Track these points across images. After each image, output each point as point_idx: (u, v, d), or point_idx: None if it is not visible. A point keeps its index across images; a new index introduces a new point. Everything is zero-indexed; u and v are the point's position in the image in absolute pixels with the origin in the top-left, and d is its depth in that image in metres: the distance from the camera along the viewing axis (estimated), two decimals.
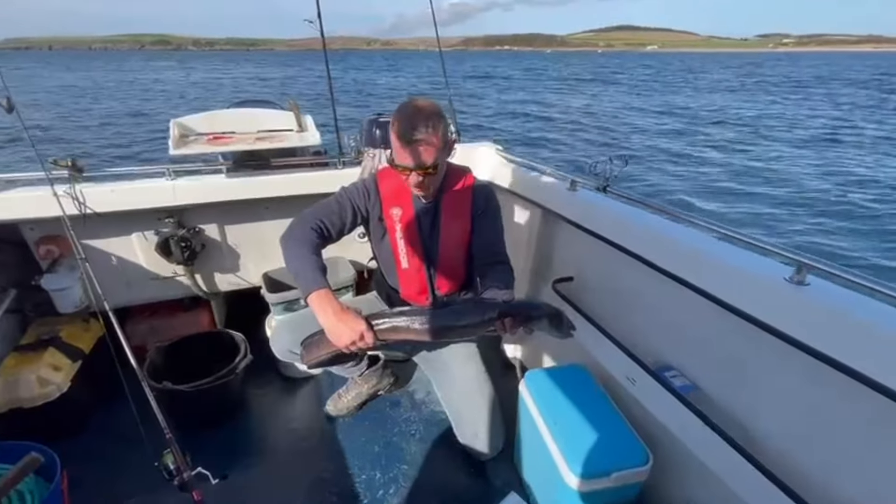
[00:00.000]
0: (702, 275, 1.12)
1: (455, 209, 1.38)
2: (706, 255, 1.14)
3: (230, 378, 1.69)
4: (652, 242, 1.28)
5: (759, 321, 0.97)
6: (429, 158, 1.20)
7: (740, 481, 1.03)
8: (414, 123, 1.16)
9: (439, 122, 1.19)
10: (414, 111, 1.17)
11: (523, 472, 1.54)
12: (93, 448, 1.62)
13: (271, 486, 1.52)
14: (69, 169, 1.54)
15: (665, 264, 1.21)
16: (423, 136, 1.16)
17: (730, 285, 1.05)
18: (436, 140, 1.18)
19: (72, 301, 1.76)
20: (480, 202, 1.39)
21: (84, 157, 1.63)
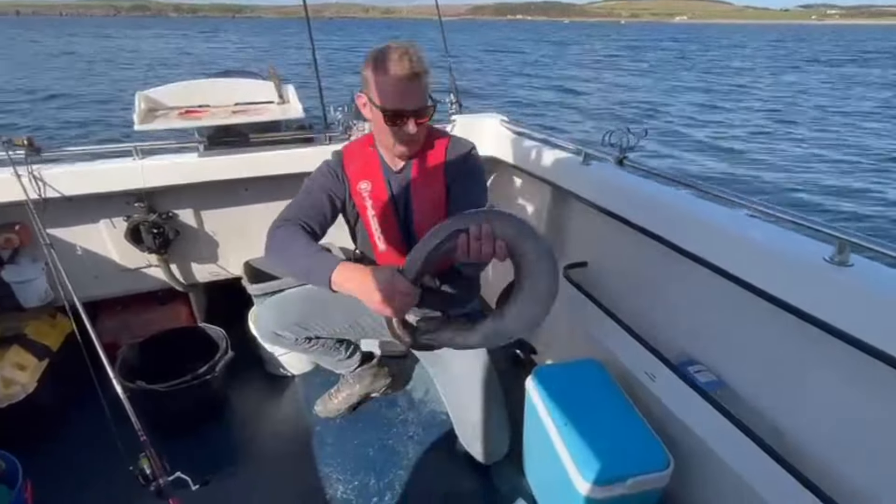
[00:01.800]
0: (730, 257, 1.08)
1: (426, 175, 1.30)
2: (735, 234, 1.09)
3: (210, 376, 1.68)
4: (674, 221, 1.24)
5: (795, 308, 0.93)
6: (426, 98, 1.17)
7: (773, 489, 1.00)
8: (409, 54, 1.11)
9: (426, 62, 1.16)
10: (399, 46, 1.13)
11: (531, 477, 1.53)
12: (61, 453, 1.63)
13: (256, 493, 1.52)
14: (25, 148, 1.52)
15: (689, 246, 1.17)
16: (421, 68, 1.12)
17: (762, 268, 1.01)
18: (428, 77, 1.16)
19: (36, 294, 1.76)
20: (456, 163, 1.30)
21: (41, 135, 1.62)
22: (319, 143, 1.93)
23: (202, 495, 1.43)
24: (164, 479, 1.32)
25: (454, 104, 2.31)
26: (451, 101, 2.32)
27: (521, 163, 1.90)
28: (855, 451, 0.94)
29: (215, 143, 1.79)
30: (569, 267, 1.68)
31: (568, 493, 1.18)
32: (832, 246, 0.93)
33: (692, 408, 1.17)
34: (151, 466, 1.37)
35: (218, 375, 1.72)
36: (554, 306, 1.90)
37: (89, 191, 1.66)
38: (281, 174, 1.86)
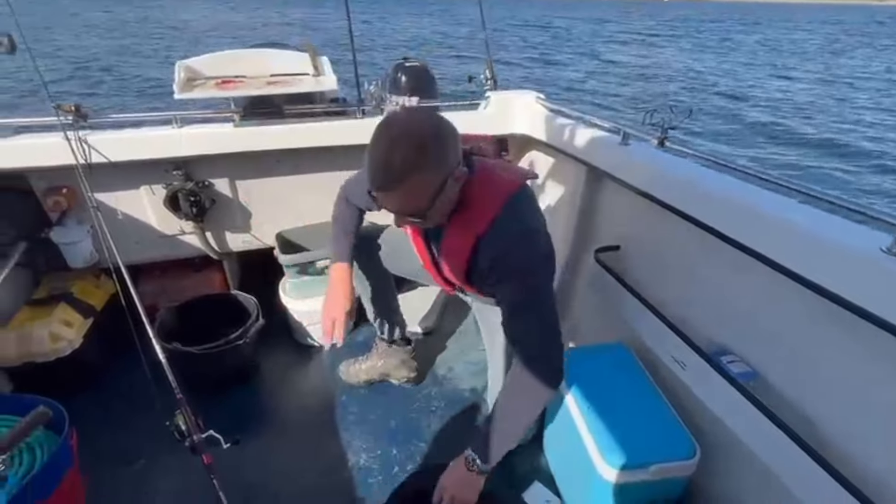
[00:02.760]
0: (776, 244, 1.03)
1: (457, 239, 1.14)
2: (783, 220, 1.04)
3: (241, 342, 1.75)
4: (717, 206, 1.19)
5: (846, 301, 0.88)
6: (410, 207, 0.99)
7: (805, 483, 0.97)
8: (379, 168, 0.93)
9: (424, 162, 0.92)
10: (388, 144, 0.92)
11: (551, 458, 1.53)
12: (103, 406, 1.73)
13: (283, 456, 1.58)
14: (73, 114, 1.58)
15: (731, 231, 1.13)
16: (394, 188, 0.94)
17: (810, 256, 0.96)
18: (418, 188, 0.95)
19: (82, 256, 1.85)
20: (484, 262, 1.10)
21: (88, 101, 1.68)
22: (352, 116, 1.93)
23: (232, 454, 1.49)
24: (197, 436, 1.39)
25: (489, 80, 2.27)
26: (486, 77, 2.27)
27: (556, 142, 1.86)
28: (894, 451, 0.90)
29: (250, 113, 1.82)
30: (600, 250, 1.64)
31: (589, 476, 1.18)
32: (891, 236, 0.88)
33: (723, 398, 1.15)
34: (186, 423, 1.43)
35: (249, 342, 1.78)
36: (583, 289, 1.88)
37: (131, 157, 1.71)
38: (313, 147, 1.87)
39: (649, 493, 1.16)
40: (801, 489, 0.98)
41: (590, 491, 1.20)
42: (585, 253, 1.80)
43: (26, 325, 1.65)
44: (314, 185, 2.03)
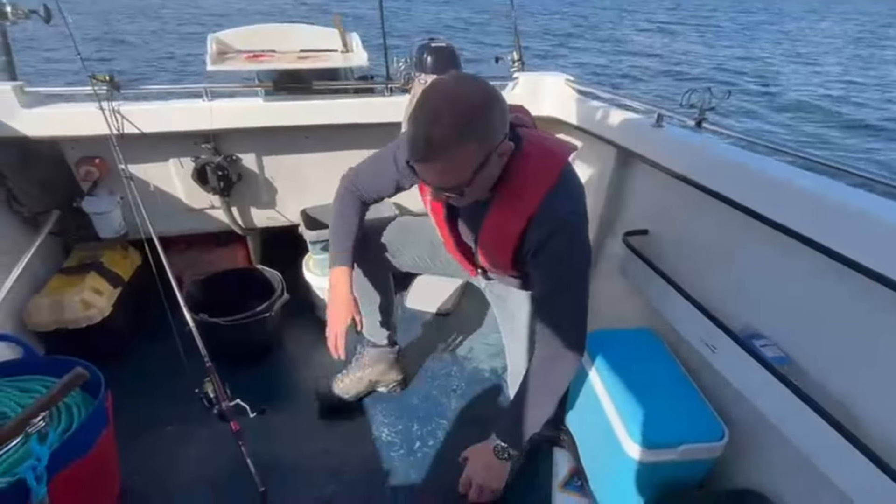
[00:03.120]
0: (823, 226, 1.01)
1: (496, 235, 1.11)
2: (831, 202, 1.02)
3: (267, 315, 1.77)
4: (756, 187, 1.18)
5: (891, 280, 0.87)
6: (451, 180, 0.95)
7: (842, 468, 0.96)
8: (426, 136, 0.89)
9: (469, 133, 0.89)
10: (432, 113, 0.89)
11: (577, 438, 1.54)
12: (132, 374, 1.77)
13: (307, 428, 1.61)
14: (107, 84, 1.60)
15: (771, 213, 1.11)
16: (437, 158, 0.91)
17: (854, 237, 0.95)
18: (461, 160, 0.92)
19: (111, 226, 1.88)
20: (535, 238, 1.06)
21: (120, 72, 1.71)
22: (380, 93, 1.93)
23: (257, 423, 1.53)
24: (226, 404, 1.42)
25: (517, 62, 2.24)
26: (514, 58, 2.25)
27: (586, 124, 1.84)
28: None
29: (280, 88, 1.82)
30: (628, 234, 1.63)
31: (615, 454, 1.19)
32: None
33: (754, 381, 1.14)
34: (215, 391, 1.47)
35: (274, 315, 1.81)
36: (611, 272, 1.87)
37: (162, 129, 1.73)
38: (341, 124, 1.87)
39: (675, 474, 1.17)
40: (836, 472, 0.97)
41: (616, 470, 1.21)
42: (613, 236, 1.79)
43: (59, 292, 1.69)
44: (340, 162, 2.02)
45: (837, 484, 0.98)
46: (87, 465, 1.18)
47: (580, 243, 1.08)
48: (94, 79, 1.57)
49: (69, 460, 1.12)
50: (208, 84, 1.74)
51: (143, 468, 1.43)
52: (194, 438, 1.53)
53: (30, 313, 1.63)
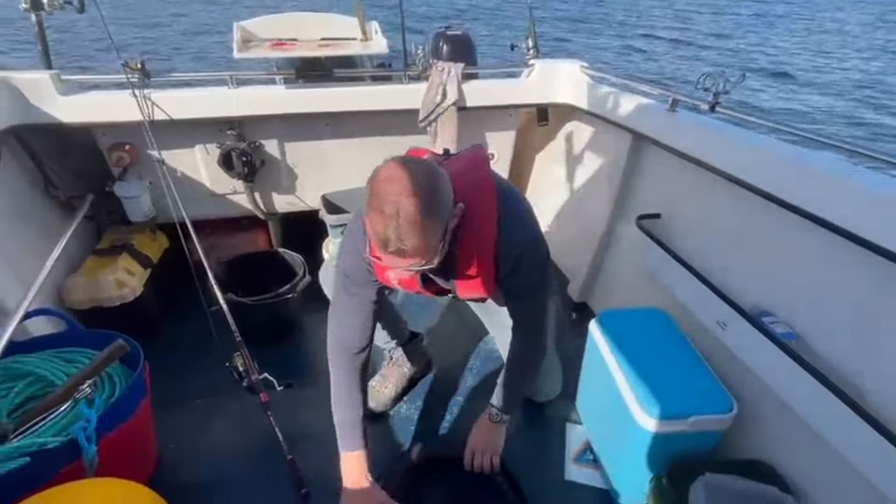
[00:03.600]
0: (829, 203, 1.05)
1: (472, 280, 1.17)
2: (843, 182, 1.05)
3: (290, 296, 1.84)
4: (769, 167, 1.21)
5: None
6: (424, 258, 0.96)
7: (848, 439, 1.01)
8: (396, 232, 0.90)
9: (432, 215, 0.92)
10: (393, 209, 0.89)
11: (585, 414, 1.60)
12: (163, 350, 1.84)
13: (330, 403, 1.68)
14: (139, 72, 1.66)
15: (781, 192, 1.15)
16: (411, 247, 0.92)
17: (864, 214, 0.98)
18: (430, 240, 0.94)
19: (141, 210, 1.96)
20: (506, 267, 1.14)
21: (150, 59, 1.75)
22: (399, 80, 1.97)
23: (284, 397, 1.61)
24: (255, 376, 1.50)
25: (532, 49, 2.27)
26: (529, 45, 2.28)
27: (600, 109, 1.87)
28: None
29: (302, 76, 1.88)
30: (641, 217, 1.67)
31: (627, 426, 1.24)
32: None
33: (763, 357, 1.18)
34: (245, 364, 1.55)
35: (297, 296, 1.89)
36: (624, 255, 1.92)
37: (189, 115, 1.80)
38: (360, 111, 1.93)
39: (685, 444, 1.21)
40: (842, 442, 1.02)
41: (628, 441, 1.26)
42: (626, 221, 1.83)
43: (94, 273, 1.78)
44: (359, 148, 2.09)
45: (843, 454, 1.02)
46: (130, 431, 1.26)
47: (542, 253, 1.22)
48: (126, 66, 1.64)
49: (114, 425, 1.20)
50: (233, 72, 1.80)
51: (177, 437, 1.52)
52: (224, 410, 1.61)
53: (67, 292, 1.73)
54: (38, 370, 1.30)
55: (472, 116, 2.03)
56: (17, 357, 1.32)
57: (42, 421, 1.16)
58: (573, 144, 2.21)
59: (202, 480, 1.40)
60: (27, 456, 1.04)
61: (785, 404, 1.15)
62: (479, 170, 1.15)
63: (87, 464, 1.11)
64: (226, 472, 1.43)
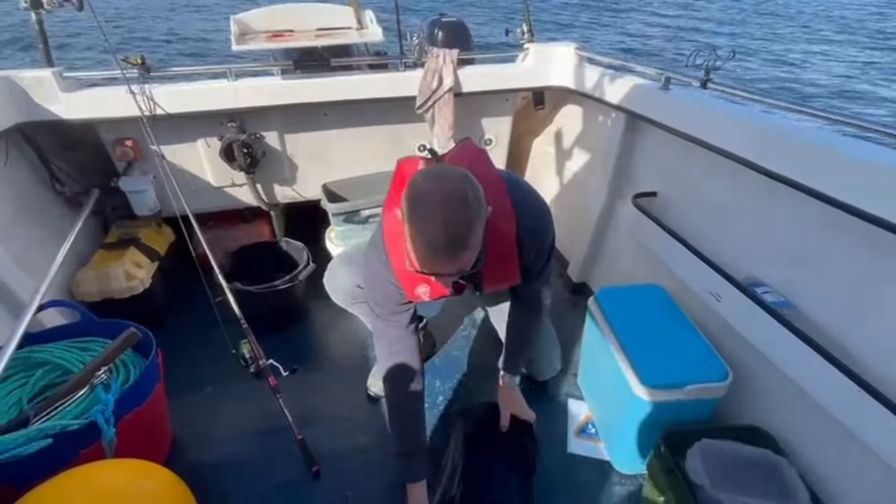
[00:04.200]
0: (820, 173, 1.07)
1: (499, 275, 1.20)
2: (825, 150, 1.08)
3: (294, 284, 1.88)
4: (758, 140, 1.24)
5: (884, 220, 0.94)
6: (470, 262, 0.97)
7: (839, 400, 1.04)
8: (448, 239, 0.91)
9: (476, 220, 0.93)
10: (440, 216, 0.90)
11: (585, 389, 1.64)
12: (171, 340, 1.89)
13: (335, 387, 1.73)
14: (139, 67, 1.69)
15: (772, 164, 1.17)
16: (466, 247, 0.93)
17: (853, 183, 1.01)
18: (476, 243, 0.95)
19: (146, 204, 2.00)
20: (528, 253, 1.19)
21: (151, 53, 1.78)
22: (395, 69, 2.00)
23: (290, 382, 1.66)
24: (262, 361, 1.55)
25: (527, 33, 2.28)
26: (524, 29, 2.29)
27: (596, 91, 1.89)
28: None
29: (300, 66, 1.90)
30: (637, 196, 1.70)
31: (626, 397, 1.28)
32: None
33: (757, 325, 1.22)
34: (252, 351, 1.60)
35: (300, 284, 1.93)
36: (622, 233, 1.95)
37: (190, 109, 1.83)
38: (359, 99, 1.95)
39: (682, 412, 1.25)
40: (833, 405, 1.05)
41: (628, 411, 1.30)
42: (623, 199, 1.86)
43: (103, 266, 1.82)
44: (358, 138, 2.12)
45: (834, 415, 1.06)
46: (146, 414, 1.31)
47: (552, 231, 1.25)
48: (125, 62, 1.67)
49: (130, 408, 1.25)
50: (231, 65, 1.83)
51: (189, 422, 1.57)
52: (233, 396, 1.66)
53: (78, 285, 1.77)
54: (54, 359, 1.34)
55: (468, 102, 2.05)
56: (33, 347, 1.37)
57: (61, 406, 1.20)
58: (569, 127, 2.23)
59: (216, 461, 1.45)
60: (49, 438, 1.09)
61: (778, 370, 1.19)
62: (482, 166, 1.17)
63: (107, 445, 1.16)
64: (238, 452, 1.48)
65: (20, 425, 1.15)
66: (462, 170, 1.00)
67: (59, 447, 1.10)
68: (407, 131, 2.17)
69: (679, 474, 1.12)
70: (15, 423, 1.16)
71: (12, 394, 1.28)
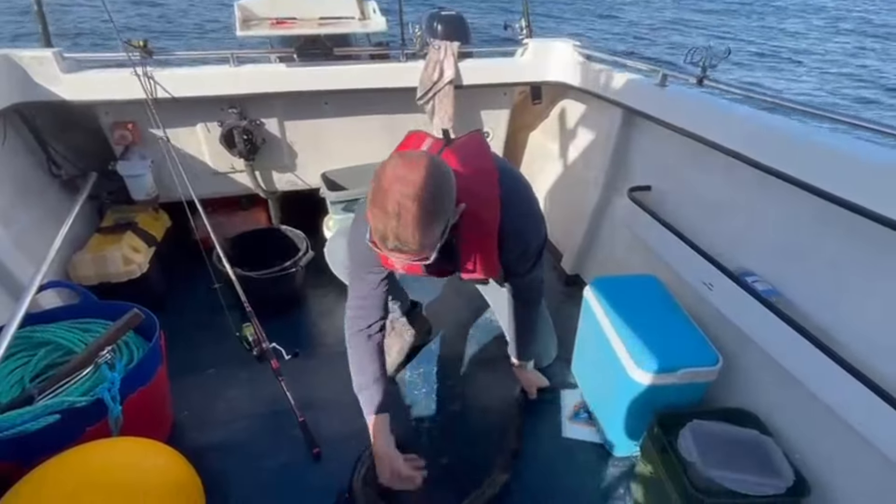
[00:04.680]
0: (806, 165, 1.12)
1: (477, 266, 1.22)
2: (815, 145, 1.13)
3: (293, 271, 1.90)
4: (750, 135, 1.29)
5: (870, 211, 0.99)
6: (424, 254, 0.99)
7: (824, 382, 1.09)
8: (396, 235, 0.92)
9: (435, 218, 0.95)
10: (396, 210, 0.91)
11: (582, 375, 1.69)
12: (171, 325, 1.90)
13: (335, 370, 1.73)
14: (140, 50, 1.68)
15: (764, 157, 1.22)
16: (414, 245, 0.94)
17: (838, 174, 1.06)
18: (431, 239, 0.97)
19: (144, 189, 1.99)
20: (509, 248, 1.21)
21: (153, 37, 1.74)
22: (396, 59, 2.01)
23: (292, 364, 1.68)
24: (265, 344, 1.56)
25: (525, 29, 2.32)
26: (523, 25, 2.33)
27: (593, 87, 1.93)
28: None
29: (302, 54, 1.91)
30: (633, 190, 1.75)
31: (621, 381, 1.32)
32: None
33: (747, 313, 1.27)
34: (255, 334, 1.61)
35: (300, 271, 1.94)
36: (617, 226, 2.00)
37: (192, 93, 1.82)
38: (359, 89, 1.96)
39: (675, 396, 1.30)
40: (819, 387, 1.11)
41: (623, 395, 1.34)
42: (618, 192, 1.91)
43: (100, 249, 1.81)
44: (359, 126, 2.13)
45: (819, 396, 1.12)
46: (149, 394, 1.32)
47: (542, 231, 1.28)
48: (128, 44, 1.66)
49: (135, 388, 1.26)
50: (234, 50, 1.83)
51: (191, 404, 1.57)
52: (235, 378, 1.67)
53: (75, 268, 1.76)
54: (56, 339, 1.34)
55: (467, 95, 2.08)
56: (35, 327, 1.36)
57: (66, 384, 1.21)
58: (566, 122, 2.27)
59: (218, 442, 1.47)
60: (57, 414, 1.10)
61: (766, 356, 1.24)
62: (480, 157, 1.20)
63: (113, 423, 1.16)
64: (240, 434, 1.49)
65: (24, 403, 1.15)
66: (440, 168, 0.98)
67: (66, 424, 1.10)
68: (406, 122, 2.19)
69: (671, 453, 1.17)
70: (19, 401, 1.17)
71: (14, 372, 1.28)
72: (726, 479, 1.09)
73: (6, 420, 1.08)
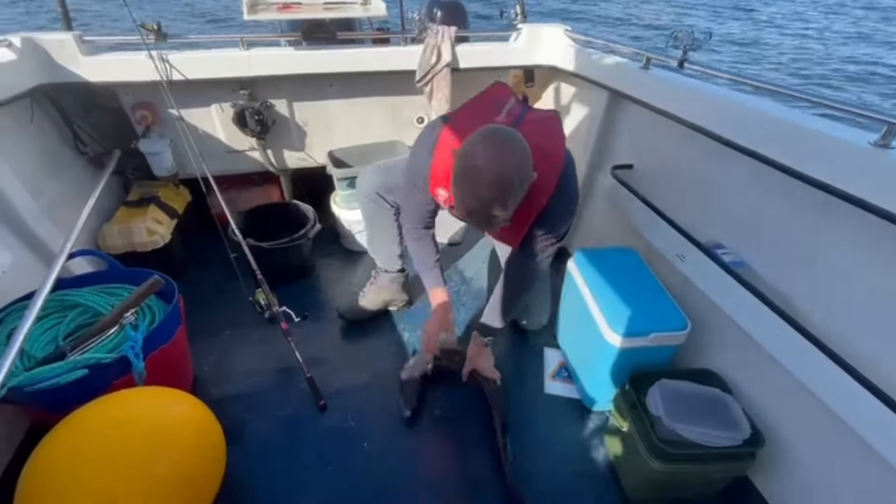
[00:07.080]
0: (775, 144, 1.10)
1: (507, 232, 1.24)
2: (783, 123, 1.10)
3: (302, 241, 1.89)
4: (724, 115, 1.25)
5: (835, 189, 0.96)
6: (505, 218, 1.03)
7: (784, 347, 1.09)
8: (480, 217, 0.99)
9: (514, 201, 0.99)
10: (481, 193, 0.96)
11: (564, 337, 1.70)
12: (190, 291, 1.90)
13: (340, 335, 1.76)
14: (155, 33, 1.63)
15: (735, 136, 1.19)
16: (496, 223, 1.02)
17: (805, 152, 1.03)
18: (508, 216, 1.02)
19: (164, 166, 1.97)
20: (539, 231, 1.24)
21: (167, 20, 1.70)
22: (396, 43, 1.95)
23: (300, 330, 1.69)
24: (276, 308, 1.57)
25: (520, 14, 2.23)
26: (517, 11, 2.24)
27: (582, 70, 1.87)
28: (868, 319, 0.99)
29: (308, 38, 1.85)
30: (616, 168, 1.71)
31: (598, 344, 1.33)
32: (878, 132, 0.94)
33: (715, 282, 1.26)
34: (266, 299, 1.61)
35: (308, 242, 1.93)
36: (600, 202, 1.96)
37: (205, 76, 1.78)
38: (363, 72, 1.91)
39: (647, 357, 1.31)
40: (779, 352, 1.11)
41: (599, 356, 1.35)
42: (602, 170, 1.87)
43: (127, 221, 1.80)
44: (362, 107, 2.09)
45: (777, 358, 1.12)
46: (170, 352, 1.33)
47: (572, 219, 1.30)
48: (143, 27, 1.61)
49: (156, 346, 1.27)
50: (243, 34, 1.77)
51: (209, 362, 1.60)
52: (249, 339, 1.69)
53: (104, 237, 1.76)
54: (86, 302, 1.36)
55: (464, 77, 2.02)
56: (67, 291, 1.37)
57: (94, 343, 1.23)
58: (556, 103, 2.21)
59: (235, 393, 1.49)
60: (86, 368, 1.11)
61: (730, 321, 1.24)
62: (553, 140, 1.19)
63: (137, 377, 1.18)
64: (254, 387, 1.52)
65: (57, 359, 1.17)
66: (523, 147, 1.00)
67: (93, 377, 1.12)
68: (406, 104, 2.14)
69: (640, 408, 1.18)
70: (52, 357, 1.19)
71: (48, 332, 1.30)
72: (689, 432, 1.10)
73: (41, 373, 1.11)
